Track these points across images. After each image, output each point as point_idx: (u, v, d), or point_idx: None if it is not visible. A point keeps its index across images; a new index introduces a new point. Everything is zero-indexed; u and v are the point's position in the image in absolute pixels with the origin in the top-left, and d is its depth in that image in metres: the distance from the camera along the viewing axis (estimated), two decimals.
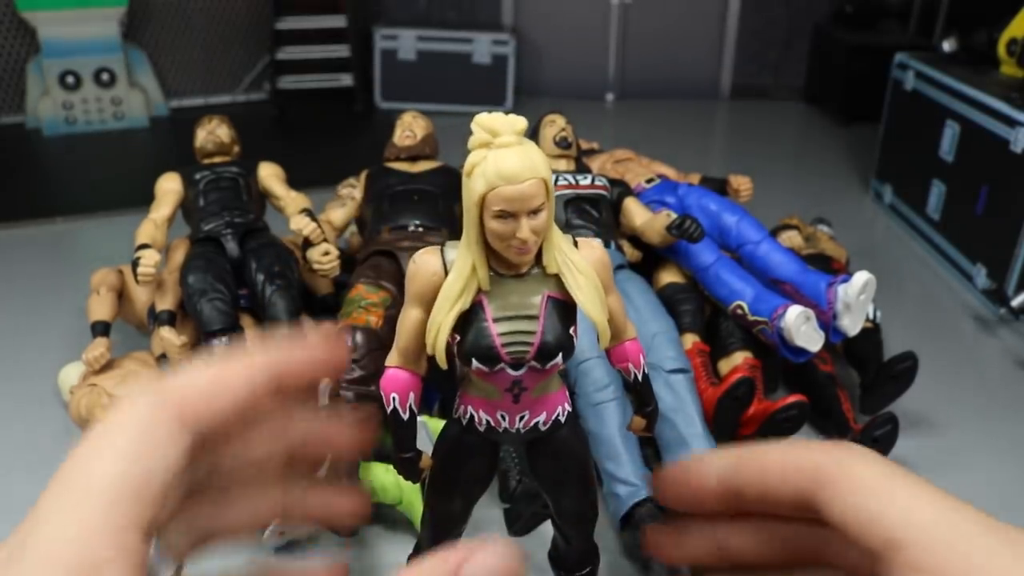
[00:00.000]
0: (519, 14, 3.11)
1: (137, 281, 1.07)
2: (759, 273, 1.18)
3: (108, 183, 2.23)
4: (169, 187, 1.22)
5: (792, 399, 1.03)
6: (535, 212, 0.25)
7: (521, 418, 0.25)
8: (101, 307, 1.19)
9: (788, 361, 1.11)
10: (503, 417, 0.25)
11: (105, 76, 2.59)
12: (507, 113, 0.42)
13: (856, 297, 1.06)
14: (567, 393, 0.49)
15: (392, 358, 0.28)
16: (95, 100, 2.59)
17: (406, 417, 0.25)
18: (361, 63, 2.82)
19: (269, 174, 1.27)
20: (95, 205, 2.00)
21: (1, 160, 2.39)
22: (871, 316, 1.27)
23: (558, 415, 0.48)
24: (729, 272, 1.17)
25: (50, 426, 1.15)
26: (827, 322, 1.09)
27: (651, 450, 1.04)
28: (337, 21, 2.74)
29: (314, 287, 1.28)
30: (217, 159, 1.28)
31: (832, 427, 1.12)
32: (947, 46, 1.84)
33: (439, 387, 1.06)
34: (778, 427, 1.03)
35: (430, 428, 0.89)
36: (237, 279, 1.14)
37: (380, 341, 1.04)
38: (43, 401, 1.20)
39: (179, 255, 1.20)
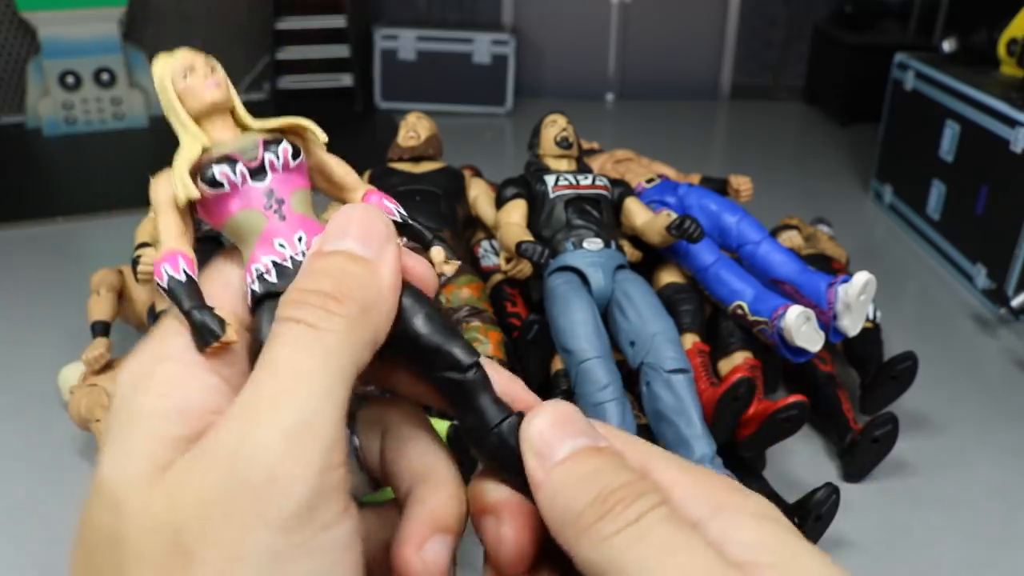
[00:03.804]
0: (519, 14, 3.11)
1: (137, 280, 1.07)
2: (759, 273, 1.19)
3: (108, 183, 2.23)
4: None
5: (792, 399, 1.03)
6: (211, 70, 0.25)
7: (300, 239, 0.24)
8: (101, 307, 1.19)
9: (788, 361, 1.11)
10: (282, 245, 0.24)
11: (105, 76, 2.59)
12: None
13: (856, 297, 1.06)
14: None
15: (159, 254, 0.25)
16: (95, 100, 2.59)
17: (182, 278, 0.23)
18: (361, 63, 2.82)
19: None
20: (95, 205, 2.00)
21: (1, 160, 2.39)
22: (871, 316, 1.27)
23: None
24: (729, 272, 1.17)
25: (50, 426, 1.15)
26: (827, 322, 1.09)
27: None
28: (337, 21, 2.74)
29: None
30: None
31: (832, 427, 1.13)
32: (947, 46, 1.84)
33: None
34: (778, 427, 1.03)
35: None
36: None
37: None
38: (43, 401, 1.20)
39: None
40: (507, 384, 0.25)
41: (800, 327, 1.05)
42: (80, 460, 1.09)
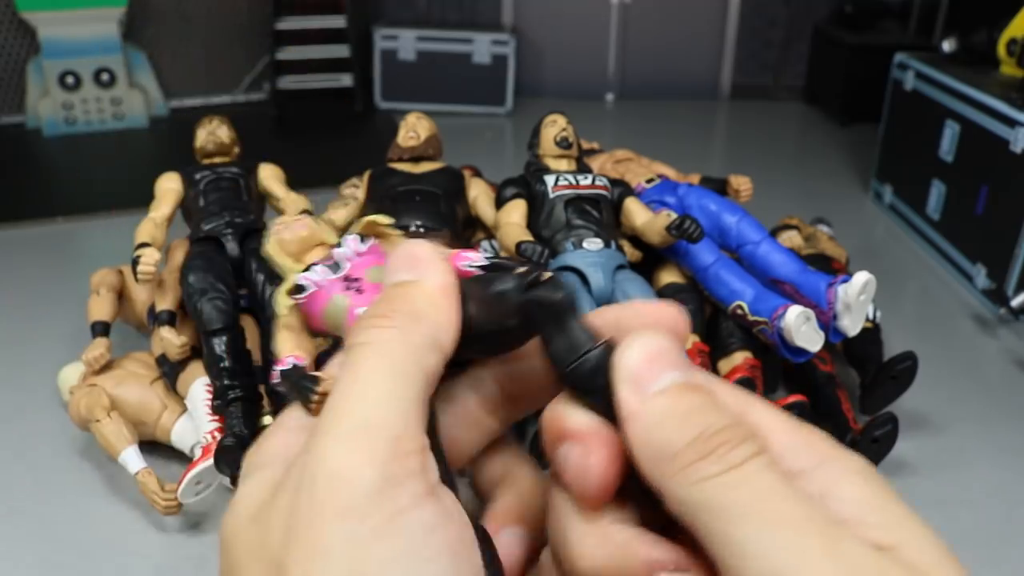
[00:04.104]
0: (519, 14, 3.11)
1: (137, 280, 1.07)
2: (759, 273, 1.19)
3: (108, 183, 2.23)
4: (169, 186, 1.22)
5: (792, 399, 1.03)
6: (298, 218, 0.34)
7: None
8: (101, 307, 1.19)
9: (788, 361, 1.11)
10: (362, 310, 0.27)
11: (105, 76, 2.59)
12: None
13: (856, 297, 1.06)
14: None
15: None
16: (95, 100, 2.59)
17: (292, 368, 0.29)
18: (361, 63, 2.82)
19: (269, 175, 1.27)
20: (95, 205, 2.00)
21: (1, 160, 2.39)
22: (871, 316, 1.27)
23: None
24: (729, 272, 1.17)
25: (49, 427, 1.15)
26: (827, 322, 1.09)
27: None
28: (337, 21, 2.74)
29: None
30: (217, 159, 1.29)
31: (832, 427, 1.13)
32: (947, 46, 1.84)
33: None
34: None
35: None
36: (237, 279, 1.14)
37: None
38: (42, 402, 1.20)
39: (179, 255, 1.20)
40: (616, 313, 0.25)
41: (800, 327, 1.05)
42: (80, 460, 1.09)
